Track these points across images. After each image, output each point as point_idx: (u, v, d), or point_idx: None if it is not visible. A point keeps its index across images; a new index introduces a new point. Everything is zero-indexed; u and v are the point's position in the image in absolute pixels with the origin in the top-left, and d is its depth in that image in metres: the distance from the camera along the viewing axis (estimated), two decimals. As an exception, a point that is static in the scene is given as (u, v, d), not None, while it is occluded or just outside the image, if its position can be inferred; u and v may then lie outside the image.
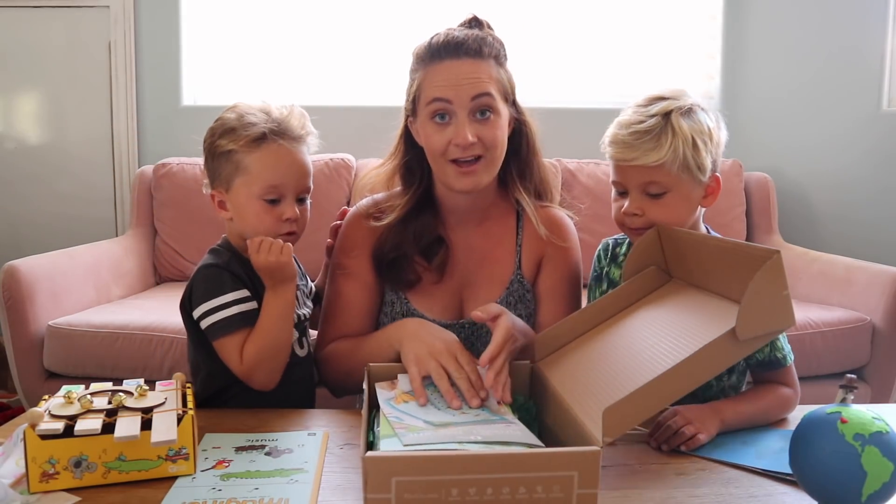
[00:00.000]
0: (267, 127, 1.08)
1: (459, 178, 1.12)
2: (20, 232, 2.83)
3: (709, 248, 0.95)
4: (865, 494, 0.70)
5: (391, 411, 0.89)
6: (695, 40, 3.01)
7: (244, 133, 1.07)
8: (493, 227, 1.24)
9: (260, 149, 1.07)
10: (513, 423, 0.86)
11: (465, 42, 1.11)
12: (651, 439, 0.94)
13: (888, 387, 2.12)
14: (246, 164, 1.07)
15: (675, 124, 1.03)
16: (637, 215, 1.08)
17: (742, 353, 0.82)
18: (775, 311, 0.80)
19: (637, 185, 1.07)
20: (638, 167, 1.05)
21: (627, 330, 0.99)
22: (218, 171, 1.10)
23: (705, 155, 1.05)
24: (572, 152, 2.70)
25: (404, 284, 1.20)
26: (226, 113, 1.12)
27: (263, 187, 1.07)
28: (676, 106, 1.05)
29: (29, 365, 2.02)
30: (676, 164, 1.04)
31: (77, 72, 2.82)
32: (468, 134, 1.09)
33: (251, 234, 1.08)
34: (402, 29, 2.78)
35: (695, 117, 1.06)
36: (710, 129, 1.06)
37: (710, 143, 1.06)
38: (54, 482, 0.81)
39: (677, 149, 1.03)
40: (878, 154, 2.55)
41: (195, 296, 1.08)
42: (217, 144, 1.09)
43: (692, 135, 1.03)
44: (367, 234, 1.22)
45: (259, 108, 1.11)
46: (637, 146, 1.04)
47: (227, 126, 1.09)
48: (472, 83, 1.10)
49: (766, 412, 1.03)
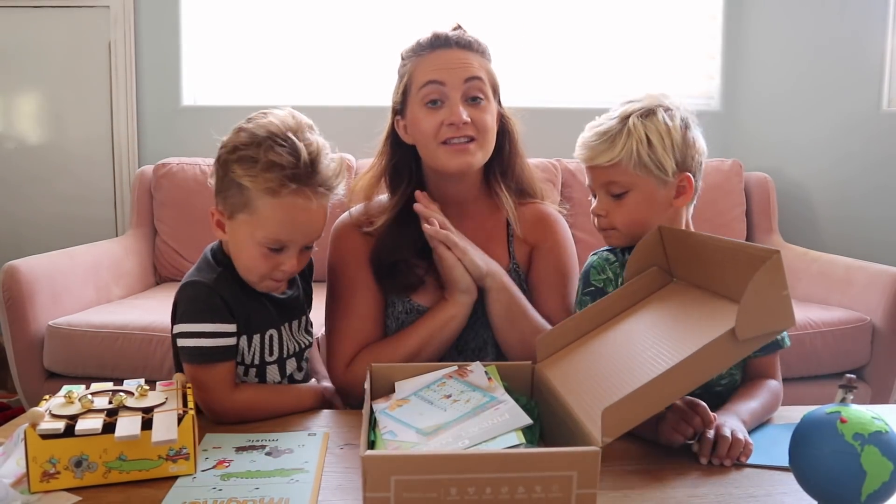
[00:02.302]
0: (290, 173, 0.96)
1: (452, 156, 1.13)
2: (20, 232, 2.83)
3: (709, 248, 0.95)
4: (865, 494, 0.70)
5: (387, 422, 0.89)
6: (695, 40, 3.02)
7: (263, 174, 0.96)
8: (484, 222, 1.25)
9: (275, 198, 0.97)
10: (502, 403, 0.87)
11: (454, 36, 1.16)
12: (713, 457, 0.88)
13: (888, 387, 2.12)
14: (256, 206, 0.98)
15: (630, 125, 1.08)
16: (602, 216, 1.12)
17: (742, 353, 0.82)
18: (775, 311, 0.80)
19: (600, 185, 1.12)
20: (597, 167, 1.11)
21: (629, 331, 0.99)
22: (226, 193, 1.01)
23: (663, 153, 1.07)
24: (572, 152, 2.68)
25: (407, 289, 1.19)
26: (254, 126, 0.99)
27: (268, 238, 0.99)
28: (638, 107, 1.09)
29: (29, 365, 2.03)
30: (632, 162, 1.07)
31: (77, 72, 2.83)
32: (462, 112, 1.11)
33: (241, 270, 1.03)
34: (402, 29, 2.78)
35: (654, 118, 1.08)
36: (668, 128, 1.08)
37: (670, 141, 1.08)
38: (55, 482, 0.81)
39: (631, 148, 1.07)
40: (877, 154, 2.55)
41: (178, 312, 1.03)
42: (232, 169, 0.98)
43: (647, 134, 1.07)
44: (360, 242, 1.21)
45: (291, 139, 0.97)
46: (594, 146, 1.10)
47: (247, 153, 0.97)
48: (465, 67, 1.13)
49: (768, 409, 1.03)
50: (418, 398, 0.94)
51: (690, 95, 3.04)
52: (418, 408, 0.92)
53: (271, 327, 1.08)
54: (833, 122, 2.68)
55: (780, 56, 2.86)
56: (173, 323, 1.05)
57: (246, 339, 1.05)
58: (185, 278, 1.05)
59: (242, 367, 1.07)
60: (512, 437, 0.79)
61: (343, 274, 1.21)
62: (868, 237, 2.56)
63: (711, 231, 1.04)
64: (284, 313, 1.10)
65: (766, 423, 1.02)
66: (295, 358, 1.12)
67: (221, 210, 1.03)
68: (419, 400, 0.94)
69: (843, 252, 2.38)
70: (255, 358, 1.07)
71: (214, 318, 1.01)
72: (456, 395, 0.92)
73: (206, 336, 1.00)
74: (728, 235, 1.06)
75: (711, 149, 1.42)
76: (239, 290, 1.04)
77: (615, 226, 1.12)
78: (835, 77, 2.67)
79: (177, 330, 1.02)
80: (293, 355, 1.12)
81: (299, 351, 1.13)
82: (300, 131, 1.00)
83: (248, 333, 1.05)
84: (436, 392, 0.94)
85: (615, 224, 1.11)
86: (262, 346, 1.07)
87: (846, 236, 2.65)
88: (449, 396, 0.92)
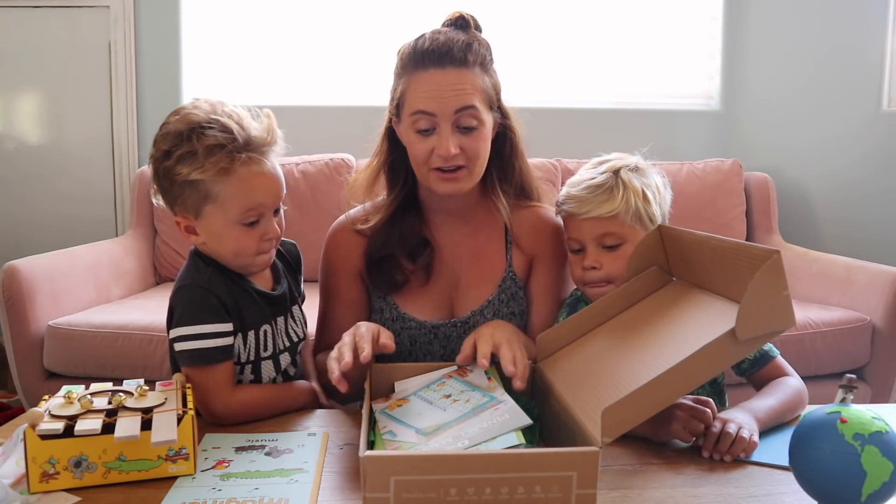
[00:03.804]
0: (231, 147, 0.97)
1: (441, 183, 1.13)
2: (20, 232, 2.83)
3: (710, 248, 0.95)
4: (865, 494, 0.70)
5: (387, 422, 0.89)
6: (695, 40, 3.02)
7: (209, 161, 0.96)
8: (481, 226, 1.24)
9: (230, 175, 0.97)
10: (502, 403, 0.87)
11: (450, 50, 1.09)
12: (714, 451, 0.89)
13: (888, 387, 2.12)
14: (216, 192, 0.99)
15: (624, 178, 1.12)
16: (595, 269, 1.12)
17: (742, 353, 0.82)
18: (775, 312, 0.80)
19: (593, 237, 1.12)
20: (593, 219, 1.11)
21: (628, 330, 0.99)
22: (180, 198, 1.01)
23: (655, 207, 1.13)
24: (572, 152, 2.70)
25: (392, 286, 1.20)
26: (172, 127, 0.99)
27: (241, 213, 1.00)
28: (623, 164, 1.14)
29: (29, 365, 2.03)
30: (629, 214, 1.11)
31: (77, 72, 2.83)
32: (451, 146, 1.09)
33: (232, 259, 1.04)
34: (402, 29, 2.76)
35: (643, 173, 1.15)
36: (656, 184, 1.15)
37: (659, 195, 1.15)
38: (54, 482, 0.81)
39: (629, 200, 1.10)
40: (878, 154, 2.55)
41: (175, 316, 1.03)
42: (176, 172, 0.97)
43: (642, 188, 1.12)
44: (354, 244, 1.22)
45: (215, 118, 0.97)
46: (591, 199, 1.11)
47: (183, 151, 0.97)
48: (457, 95, 1.08)
49: (791, 405, 1.02)
50: (418, 398, 0.94)
51: (690, 95, 3.04)
52: (418, 407, 0.92)
53: (265, 323, 1.08)
54: (833, 122, 2.68)
55: (781, 56, 2.86)
56: (169, 328, 1.04)
57: (241, 337, 1.06)
58: (178, 282, 1.06)
59: (238, 364, 1.07)
60: (511, 438, 0.79)
61: (330, 282, 1.24)
62: (868, 237, 2.56)
63: (711, 231, 1.04)
64: (275, 308, 1.11)
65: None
66: (288, 352, 1.13)
67: (184, 215, 1.03)
68: (419, 400, 0.94)
69: (843, 252, 2.38)
70: (251, 354, 1.07)
71: (212, 318, 1.01)
72: (456, 395, 0.92)
73: (205, 337, 1.00)
74: (728, 235, 1.06)
75: (711, 149, 1.46)
76: (231, 288, 1.04)
77: (611, 278, 1.11)
78: (835, 77, 2.67)
79: (175, 334, 1.02)
80: (286, 350, 1.13)
81: (292, 345, 1.14)
82: (216, 110, 1.00)
83: (242, 331, 1.06)
84: (436, 392, 0.94)
85: (612, 276, 1.11)
86: (256, 342, 1.07)
87: (846, 236, 2.65)
88: (449, 396, 0.92)
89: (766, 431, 0.95)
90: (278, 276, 1.14)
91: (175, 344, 1.02)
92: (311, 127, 2.82)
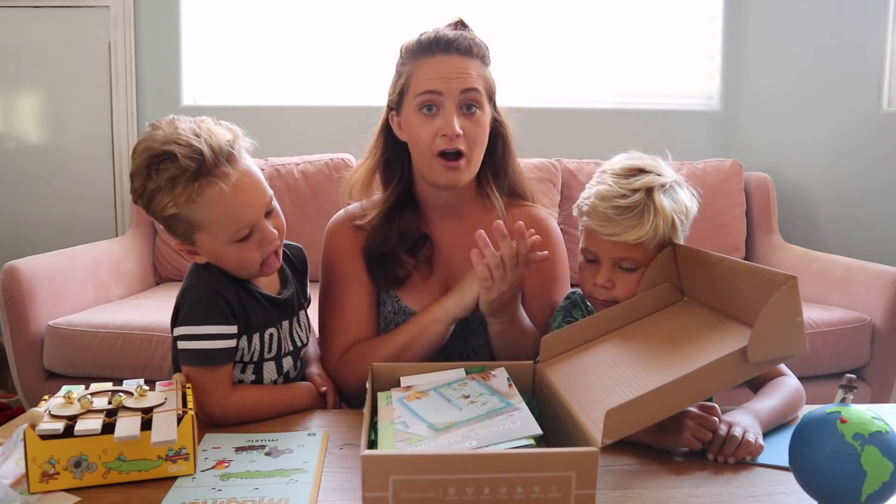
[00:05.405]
0: (191, 174, 0.94)
1: (443, 172, 1.14)
2: (20, 232, 2.83)
3: (724, 269, 0.94)
4: (865, 494, 0.70)
5: (402, 412, 0.89)
6: (695, 40, 3.01)
7: (172, 193, 0.94)
8: (476, 222, 1.24)
9: (200, 201, 0.95)
10: (517, 410, 0.86)
11: (455, 39, 1.15)
12: (718, 454, 0.89)
13: (888, 387, 2.12)
14: (198, 220, 0.98)
15: (657, 202, 1.04)
16: (608, 288, 1.09)
17: (748, 374, 0.82)
18: (787, 337, 0.80)
19: (611, 258, 1.08)
20: (616, 242, 1.06)
21: (636, 340, 0.99)
22: (172, 228, 1.01)
23: (680, 232, 1.08)
24: (572, 152, 2.70)
25: (394, 281, 1.21)
26: (137, 159, 0.97)
27: (229, 234, 0.99)
28: (659, 183, 1.06)
29: (29, 365, 2.02)
30: (655, 241, 1.05)
31: (77, 72, 2.83)
32: (456, 124, 1.11)
33: (238, 272, 1.03)
34: (402, 29, 2.77)
35: (675, 195, 1.08)
36: (687, 209, 1.09)
37: (686, 220, 1.09)
38: (54, 482, 0.81)
39: (658, 227, 1.04)
40: (877, 154, 2.55)
41: (181, 314, 1.03)
42: (154, 210, 0.97)
43: (672, 214, 1.05)
44: (353, 237, 1.23)
45: (166, 150, 0.94)
46: (619, 222, 1.04)
47: (150, 189, 0.95)
48: (462, 77, 1.13)
49: (791, 406, 1.02)
50: (437, 394, 0.95)
51: (690, 95, 3.04)
52: (435, 403, 0.92)
53: (270, 326, 1.08)
54: (833, 122, 2.68)
55: (780, 56, 2.86)
56: (174, 326, 1.04)
57: (246, 339, 1.06)
58: (187, 280, 1.05)
59: (240, 364, 1.07)
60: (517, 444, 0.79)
61: (336, 268, 1.23)
62: (868, 237, 2.56)
63: (711, 231, 1.04)
64: (281, 312, 1.11)
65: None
66: (291, 356, 1.13)
67: (181, 243, 1.03)
68: (438, 396, 0.94)
69: (843, 252, 2.38)
70: (255, 355, 1.07)
71: (218, 319, 1.01)
72: (474, 397, 0.92)
73: (209, 338, 1.01)
74: (728, 235, 1.06)
75: (711, 149, 1.46)
76: (239, 291, 1.05)
77: (617, 298, 1.08)
78: (835, 77, 2.67)
79: (179, 332, 1.02)
80: (290, 353, 1.13)
81: (296, 349, 1.14)
82: (171, 135, 0.96)
83: (248, 333, 1.06)
84: (455, 391, 0.95)
85: (618, 297, 1.08)
86: (261, 344, 1.08)
87: (846, 236, 2.65)
88: (467, 397, 0.92)
89: (766, 432, 0.95)
90: (285, 281, 1.14)
91: (179, 342, 1.02)
92: (311, 127, 2.82)
